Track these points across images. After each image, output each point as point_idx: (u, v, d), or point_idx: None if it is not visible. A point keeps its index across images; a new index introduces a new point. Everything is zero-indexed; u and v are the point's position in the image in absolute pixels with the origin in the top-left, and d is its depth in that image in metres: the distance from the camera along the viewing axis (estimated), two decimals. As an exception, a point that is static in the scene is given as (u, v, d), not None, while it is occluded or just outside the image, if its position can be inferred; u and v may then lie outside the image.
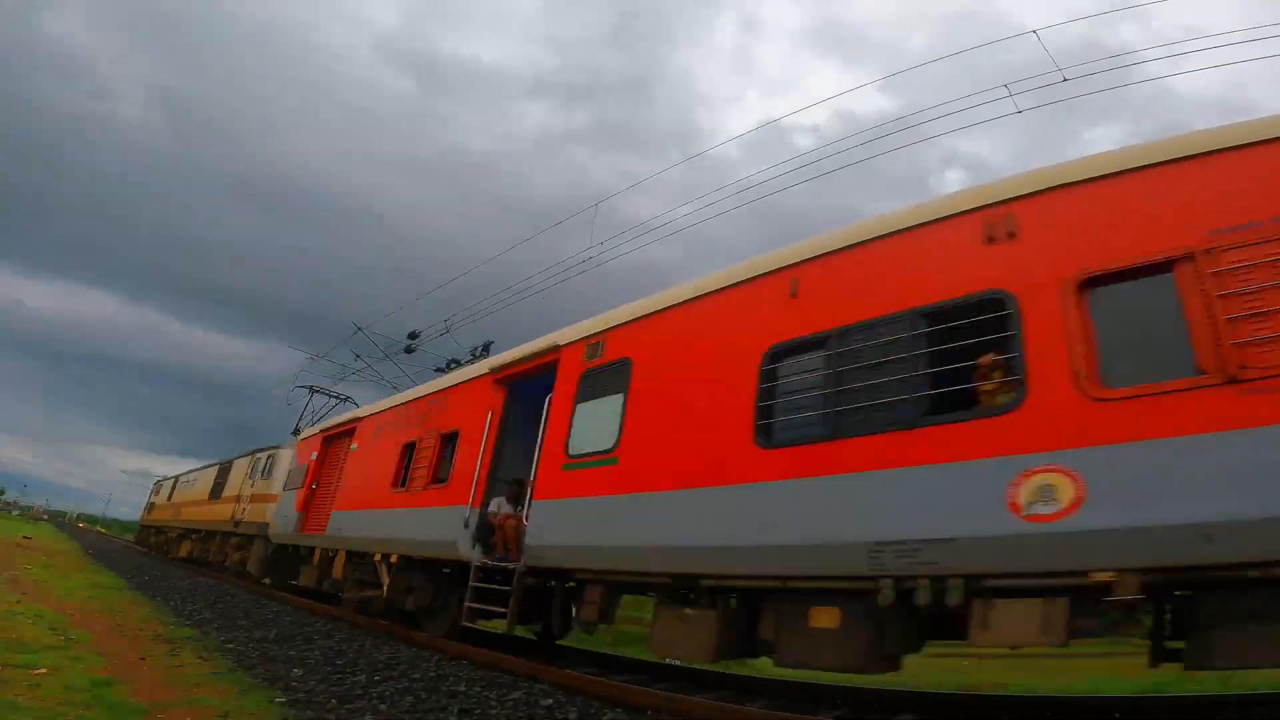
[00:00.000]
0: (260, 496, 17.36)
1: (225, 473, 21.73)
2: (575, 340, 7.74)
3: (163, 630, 8.31)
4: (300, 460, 14.81)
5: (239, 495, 19.11)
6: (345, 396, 21.35)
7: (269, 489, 16.91)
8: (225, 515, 19.58)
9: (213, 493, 22.07)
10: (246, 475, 19.27)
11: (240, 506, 18.58)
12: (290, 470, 15.49)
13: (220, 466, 22.73)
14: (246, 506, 18.06)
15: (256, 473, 18.55)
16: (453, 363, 14.20)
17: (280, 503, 15.09)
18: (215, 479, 22.48)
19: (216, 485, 22.03)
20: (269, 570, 15.81)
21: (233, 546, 18.56)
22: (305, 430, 16.37)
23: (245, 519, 17.82)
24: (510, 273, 18.00)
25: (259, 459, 18.89)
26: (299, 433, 17.73)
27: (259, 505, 17.16)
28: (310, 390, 20.98)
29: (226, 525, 19.18)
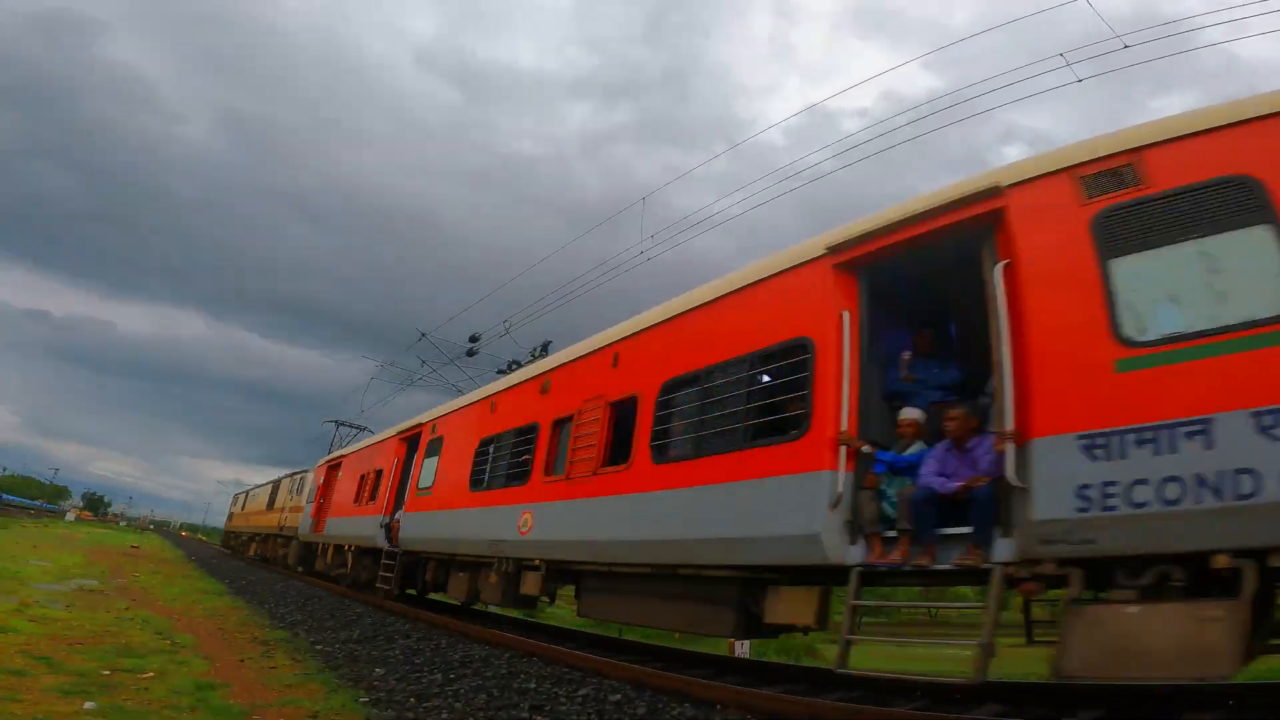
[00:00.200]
0: (296, 508, 23.45)
1: (276, 489, 28.33)
2: (424, 421, 13.02)
3: (259, 633, 8.76)
4: (315, 481, 20.71)
5: (284, 506, 25.48)
6: (362, 426, 27.53)
7: (301, 501, 23.00)
8: (275, 522, 26.03)
9: (269, 504, 28.74)
10: (289, 491, 25.60)
11: (284, 515, 24.91)
12: (309, 488, 21.44)
13: (274, 484, 29.39)
14: (288, 515, 24.32)
15: (294, 490, 24.80)
16: (513, 364, 15.48)
17: (304, 511, 21.05)
18: (270, 494, 29.16)
19: (271, 498, 28.69)
20: (300, 561, 21.84)
21: (280, 545, 24.90)
22: (320, 460, 22.36)
23: (287, 524, 24.07)
24: (565, 269, 18.43)
25: (296, 479, 25.14)
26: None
27: (295, 514, 23.27)
28: (336, 424, 27.29)
29: (276, 530, 25.59)
